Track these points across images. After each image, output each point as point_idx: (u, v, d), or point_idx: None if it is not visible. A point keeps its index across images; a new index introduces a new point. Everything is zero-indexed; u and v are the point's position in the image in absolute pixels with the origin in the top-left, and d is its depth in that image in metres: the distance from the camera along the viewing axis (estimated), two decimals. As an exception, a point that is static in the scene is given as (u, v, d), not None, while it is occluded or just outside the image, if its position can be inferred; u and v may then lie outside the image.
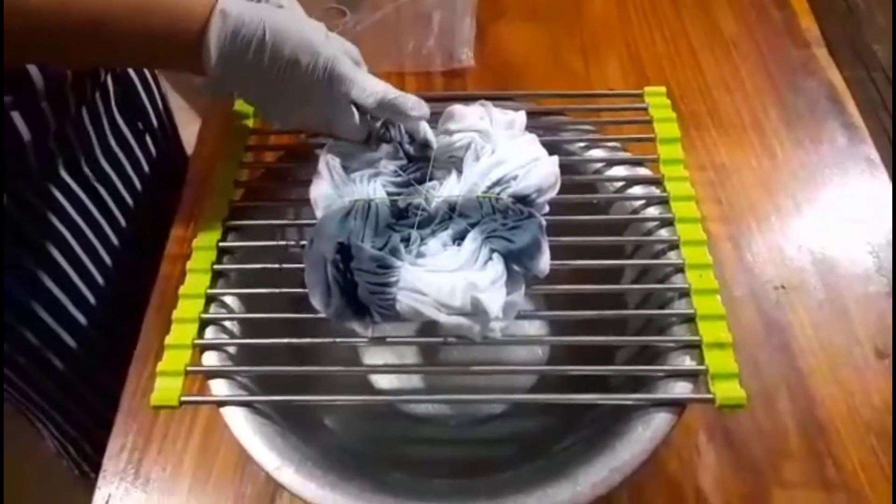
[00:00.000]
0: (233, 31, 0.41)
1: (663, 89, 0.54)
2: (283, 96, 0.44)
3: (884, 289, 0.60)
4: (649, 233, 0.49)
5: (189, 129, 0.83)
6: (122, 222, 0.67)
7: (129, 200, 0.67)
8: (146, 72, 0.70)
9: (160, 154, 0.73)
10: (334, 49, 0.44)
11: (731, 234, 0.64)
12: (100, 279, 0.65)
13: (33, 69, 0.52)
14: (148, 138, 0.70)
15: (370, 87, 0.44)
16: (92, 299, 0.65)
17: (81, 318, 0.65)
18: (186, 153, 0.79)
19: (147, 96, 0.70)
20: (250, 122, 0.55)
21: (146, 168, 0.70)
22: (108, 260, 0.66)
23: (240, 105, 0.55)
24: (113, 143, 0.64)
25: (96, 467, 0.53)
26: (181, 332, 0.44)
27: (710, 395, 0.40)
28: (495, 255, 0.41)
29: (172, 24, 0.41)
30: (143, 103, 0.69)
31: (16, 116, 0.52)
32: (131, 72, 0.67)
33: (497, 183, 0.45)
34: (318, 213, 0.45)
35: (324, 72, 0.43)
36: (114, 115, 0.64)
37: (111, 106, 0.64)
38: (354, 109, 0.45)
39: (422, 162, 0.47)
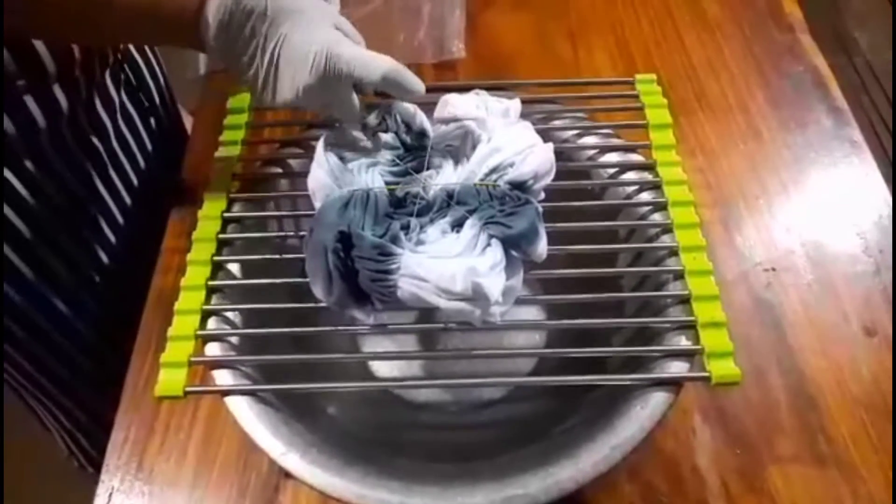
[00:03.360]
0: (234, 3, 0.42)
1: (654, 76, 0.55)
2: (280, 72, 0.44)
3: (870, 268, 0.61)
4: (643, 217, 0.50)
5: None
6: (128, 202, 0.67)
7: (135, 180, 0.68)
8: (147, 50, 0.70)
9: (162, 133, 0.73)
10: (334, 31, 0.44)
11: (721, 217, 0.65)
12: (105, 259, 0.66)
13: (43, 51, 0.52)
14: (151, 119, 0.71)
15: (374, 62, 0.44)
16: (98, 279, 0.66)
17: (89, 299, 0.66)
18: (187, 132, 0.79)
19: (150, 76, 0.70)
20: (245, 117, 0.55)
21: (149, 147, 0.70)
22: (113, 240, 0.66)
23: (233, 102, 0.56)
24: (122, 124, 0.64)
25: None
26: (183, 324, 0.44)
27: (706, 374, 0.41)
28: (494, 241, 0.42)
29: None
30: (147, 83, 0.70)
31: (29, 100, 0.52)
32: (134, 52, 0.67)
33: (494, 170, 0.45)
34: (317, 204, 0.46)
35: (321, 53, 0.42)
36: (122, 96, 0.64)
37: (120, 87, 0.64)
38: (353, 92, 0.45)
39: (419, 151, 0.48)
